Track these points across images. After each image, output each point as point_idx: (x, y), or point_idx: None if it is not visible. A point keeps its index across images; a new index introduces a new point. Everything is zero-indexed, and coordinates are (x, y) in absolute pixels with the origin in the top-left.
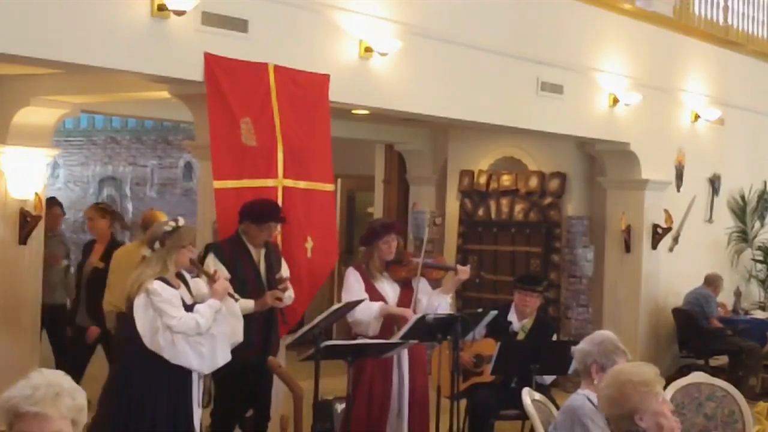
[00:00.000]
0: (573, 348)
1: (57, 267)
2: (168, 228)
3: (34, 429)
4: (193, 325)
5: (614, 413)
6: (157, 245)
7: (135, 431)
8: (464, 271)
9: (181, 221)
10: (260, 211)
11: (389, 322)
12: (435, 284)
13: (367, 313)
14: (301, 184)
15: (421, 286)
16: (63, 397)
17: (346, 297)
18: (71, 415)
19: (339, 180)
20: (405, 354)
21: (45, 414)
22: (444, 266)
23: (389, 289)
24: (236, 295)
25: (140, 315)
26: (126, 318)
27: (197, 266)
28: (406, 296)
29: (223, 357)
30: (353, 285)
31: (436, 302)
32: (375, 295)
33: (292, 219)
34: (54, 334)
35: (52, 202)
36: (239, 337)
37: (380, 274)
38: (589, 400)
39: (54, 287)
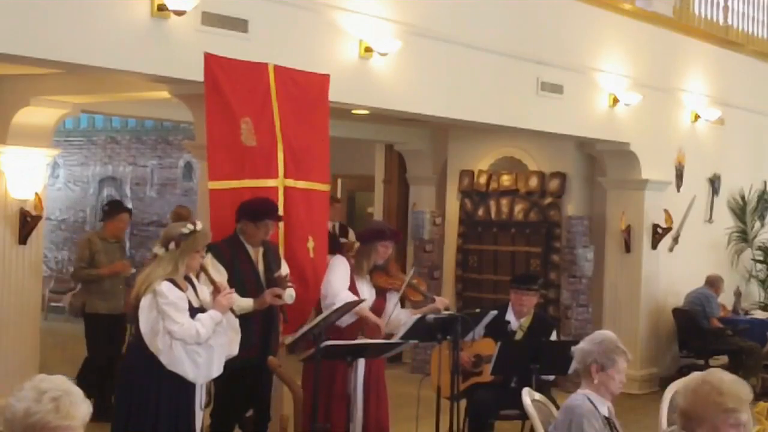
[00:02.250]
0: (573, 348)
1: (124, 275)
2: (186, 230)
3: None
4: (194, 333)
5: (681, 406)
6: (171, 246)
7: None
8: (442, 302)
9: (199, 225)
10: (257, 209)
11: (356, 327)
12: (409, 305)
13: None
14: (301, 184)
15: (392, 300)
16: (81, 403)
17: (334, 281)
18: (86, 420)
19: (339, 180)
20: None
21: (73, 426)
22: (424, 293)
23: (366, 292)
24: (237, 311)
25: (144, 315)
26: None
27: (205, 272)
28: (379, 305)
29: (218, 369)
30: (343, 273)
31: (403, 318)
32: (353, 292)
33: (294, 219)
34: (114, 343)
35: (121, 208)
36: (234, 351)
37: (363, 276)
38: (589, 399)
39: (115, 296)
